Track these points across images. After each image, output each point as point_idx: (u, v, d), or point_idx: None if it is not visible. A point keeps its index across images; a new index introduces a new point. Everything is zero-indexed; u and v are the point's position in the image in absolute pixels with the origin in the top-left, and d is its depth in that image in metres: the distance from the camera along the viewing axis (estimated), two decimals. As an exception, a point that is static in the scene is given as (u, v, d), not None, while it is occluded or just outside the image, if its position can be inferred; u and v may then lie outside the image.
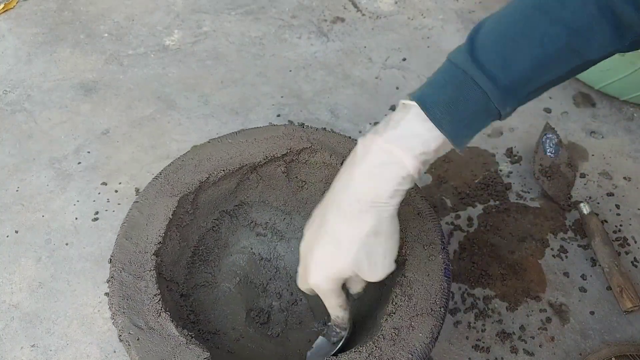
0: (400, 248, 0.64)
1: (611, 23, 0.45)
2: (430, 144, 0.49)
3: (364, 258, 0.51)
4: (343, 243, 0.51)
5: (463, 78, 0.47)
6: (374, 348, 0.55)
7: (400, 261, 0.64)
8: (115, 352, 0.70)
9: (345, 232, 0.51)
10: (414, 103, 0.48)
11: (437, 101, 0.48)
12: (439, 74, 0.49)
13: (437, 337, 0.57)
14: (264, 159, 0.71)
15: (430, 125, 0.48)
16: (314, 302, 0.71)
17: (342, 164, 0.66)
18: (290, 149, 0.71)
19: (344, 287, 0.57)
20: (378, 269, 0.52)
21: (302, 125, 0.75)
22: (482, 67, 0.47)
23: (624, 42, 0.47)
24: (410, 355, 0.55)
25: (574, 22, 0.46)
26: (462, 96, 0.47)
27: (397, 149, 0.49)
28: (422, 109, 0.48)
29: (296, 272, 0.72)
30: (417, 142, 0.48)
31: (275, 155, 0.71)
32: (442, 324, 0.58)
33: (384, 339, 0.56)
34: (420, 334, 0.57)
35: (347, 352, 0.55)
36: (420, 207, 0.67)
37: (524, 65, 0.47)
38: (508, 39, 0.47)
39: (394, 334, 0.56)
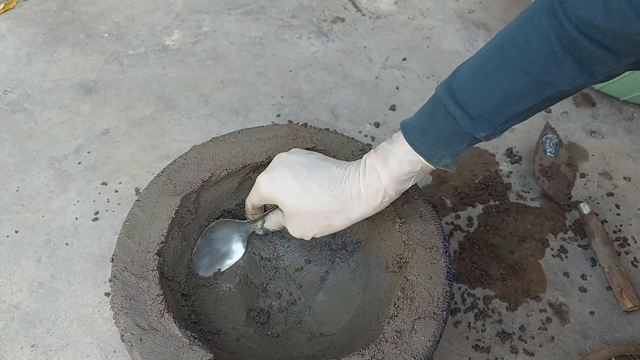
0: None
1: (577, 60, 0.47)
2: (406, 167, 0.56)
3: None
4: (350, 218, 0.61)
5: (438, 106, 0.54)
6: (377, 351, 0.55)
7: (402, 264, 0.65)
8: (115, 352, 0.70)
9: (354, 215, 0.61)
10: (399, 134, 0.57)
11: (413, 126, 0.56)
12: (425, 103, 0.56)
13: (439, 340, 0.57)
14: (267, 159, 0.71)
15: (409, 148, 0.56)
16: (314, 301, 0.71)
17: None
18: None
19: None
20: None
21: (305, 125, 0.74)
22: (455, 97, 0.52)
23: (595, 76, 0.49)
24: (413, 359, 0.55)
25: (539, 58, 0.48)
26: (434, 121, 0.54)
27: (382, 173, 0.57)
28: (402, 133, 0.56)
29: (295, 270, 0.73)
30: (396, 165, 0.57)
31: (278, 156, 0.71)
32: (444, 327, 0.58)
33: (386, 341, 0.56)
34: (423, 337, 0.57)
35: (350, 355, 0.55)
36: (422, 210, 0.67)
37: (494, 98, 0.51)
38: (480, 73, 0.52)
39: (396, 337, 0.56)
